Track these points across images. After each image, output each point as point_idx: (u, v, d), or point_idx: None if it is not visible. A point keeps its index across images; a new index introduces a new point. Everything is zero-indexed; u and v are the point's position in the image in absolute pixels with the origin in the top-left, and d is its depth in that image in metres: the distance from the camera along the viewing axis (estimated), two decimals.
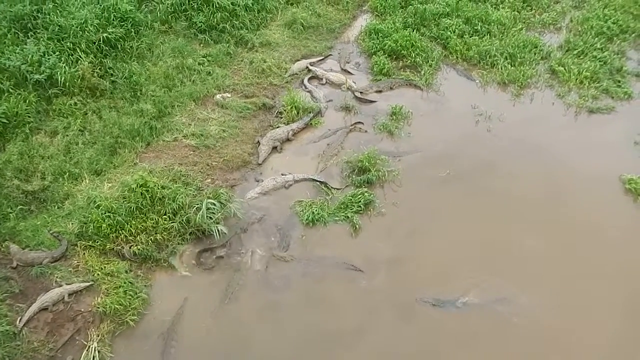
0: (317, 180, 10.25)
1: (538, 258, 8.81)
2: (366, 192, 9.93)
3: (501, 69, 12.37)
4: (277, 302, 8.46)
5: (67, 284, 8.27)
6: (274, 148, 10.85)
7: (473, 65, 12.68)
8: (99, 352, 7.68)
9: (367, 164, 10.31)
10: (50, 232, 8.91)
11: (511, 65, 12.43)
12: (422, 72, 12.49)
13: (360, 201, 9.77)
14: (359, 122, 11.35)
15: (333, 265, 8.83)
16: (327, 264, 8.85)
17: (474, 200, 9.73)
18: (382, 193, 10.16)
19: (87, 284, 8.37)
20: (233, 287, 8.55)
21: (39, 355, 7.59)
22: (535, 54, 12.73)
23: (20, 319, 7.91)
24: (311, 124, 11.43)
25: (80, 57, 10.90)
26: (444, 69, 12.76)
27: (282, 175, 10.33)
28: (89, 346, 7.73)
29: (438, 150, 10.81)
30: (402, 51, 12.71)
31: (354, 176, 10.32)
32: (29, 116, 10.37)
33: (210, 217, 9.14)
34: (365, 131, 11.42)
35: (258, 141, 10.88)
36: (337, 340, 7.89)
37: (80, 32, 11.10)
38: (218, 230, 9.09)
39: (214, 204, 9.18)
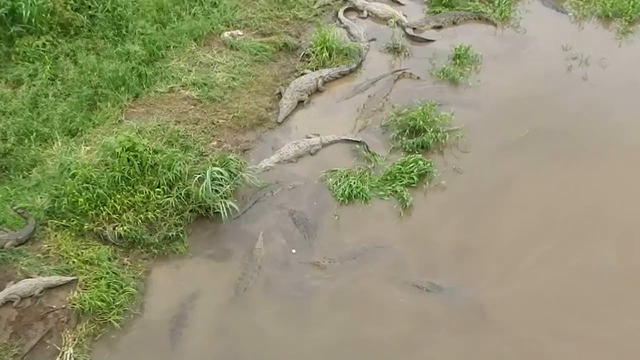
0: (354, 141, 10.14)
1: None
2: (420, 159, 9.76)
3: None
4: (301, 302, 8.41)
5: (44, 277, 8.24)
6: (300, 102, 10.69)
7: None
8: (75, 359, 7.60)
9: (421, 122, 10.11)
10: (14, 207, 8.82)
11: None
12: (496, 2, 12.34)
13: (412, 171, 9.61)
14: (407, 70, 11.46)
15: (373, 257, 8.74)
16: (366, 258, 8.75)
17: (564, 169, 9.59)
18: (441, 160, 10.00)
19: (70, 278, 8.28)
20: (245, 281, 8.51)
21: None
22: None
23: None
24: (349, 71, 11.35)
25: None
26: None
27: (308, 138, 10.30)
28: (63, 352, 7.70)
29: (516, 104, 10.60)
30: None
31: (404, 139, 10.19)
32: None
33: (217, 191, 8.98)
34: (418, 78, 11.26)
35: (279, 92, 10.77)
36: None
37: None
38: (226, 208, 8.90)
39: (221, 174, 9.03)
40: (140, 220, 8.78)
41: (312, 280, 8.62)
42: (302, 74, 11.13)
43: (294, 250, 8.89)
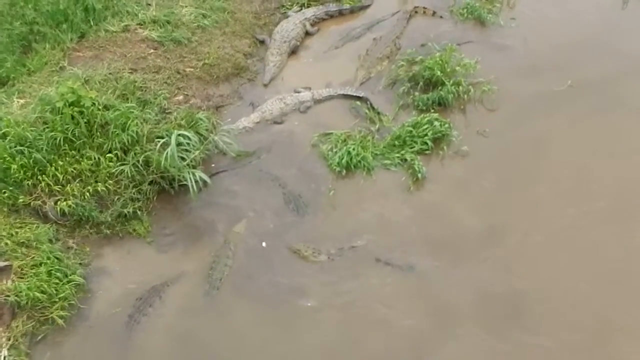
0: (354, 97, 10.05)
1: None
2: (437, 119, 9.54)
3: None
4: (289, 301, 8.22)
5: None
6: (292, 53, 10.71)
7: None
8: None
9: (439, 72, 9.87)
10: None
11: None
12: None
13: (426, 134, 9.42)
14: (422, 6, 11.23)
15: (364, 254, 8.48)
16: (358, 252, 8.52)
17: (611, 132, 9.43)
18: (462, 120, 9.86)
19: (2, 264, 8.12)
20: (220, 272, 8.35)
21: None
22: None
23: None
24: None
25: None
26: None
27: (296, 92, 10.25)
28: None
29: (557, 51, 10.43)
30: None
31: (416, 93, 9.99)
32: None
33: (183, 158, 8.81)
34: (440, 16, 11.07)
35: (262, 40, 10.78)
36: None
37: None
38: (195, 179, 8.73)
39: (188, 137, 8.78)
40: (88, 193, 8.64)
41: (299, 276, 8.42)
42: (286, 16, 11.12)
43: (264, 244, 8.74)
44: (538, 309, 7.85)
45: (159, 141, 8.84)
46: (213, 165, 9.44)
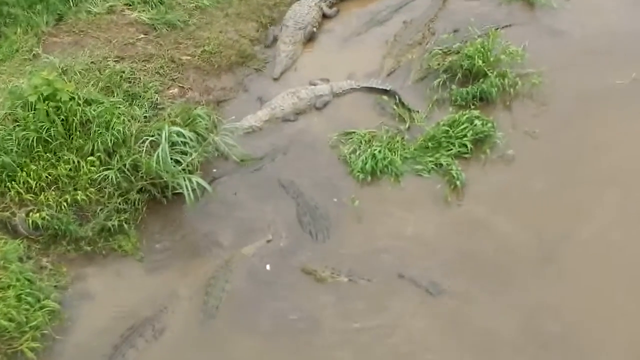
0: (381, 90, 10.00)
1: None
2: (478, 116, 9.36)
3: None
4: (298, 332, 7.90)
5: None
6: (309, 41, 10.68)
7: None
8: None
9: (480, 62, 9.72)
10: None
11: None
12: None
13: (465, 135, 9.24)
14: None
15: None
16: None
17: None
18: (508, 119, 9.68)
19: None
20: (216, 299, 8.11)
21: None
22: None
23: None
24: None
25: None
26: None
27: (312, 84, 10.14)
28: None
29: (619, 38, 10.30)
30: None
31: (453, 86, 9.86)
32: None
33: (178, 162, 8.65)
34: None
35: (273, 36, 10.73)
36: None
37: None
38: (191, 187, 8.53)
39: (184, 136, 8.70)
40: (65, 203, 8.43)
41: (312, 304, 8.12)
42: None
43: (268, 267, 8.49)
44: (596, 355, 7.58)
45: (147, 140, 8.70)
46: (215, 170, 9.33)
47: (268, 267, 8.45)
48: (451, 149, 9.18)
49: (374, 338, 7.77)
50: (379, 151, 9.11)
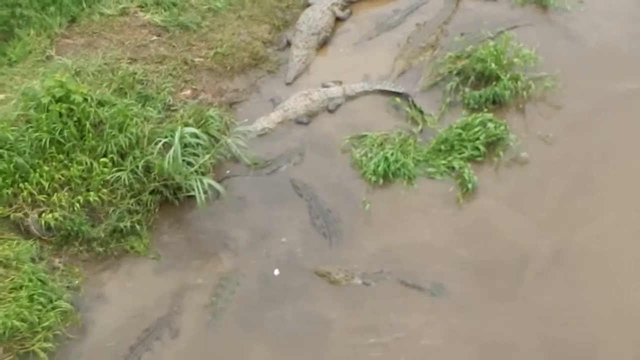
0: (394, 93, 9.98)
1: None
2: (491, 119, 9.33)
3: None
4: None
5: None
6: (322, 45, 10.71)
7: None
8: None
9: (493, 65, 9.70)
10: None
11: None
12: None
13: (478, 138, 9.22)
14: None
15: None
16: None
17: None
18: (521, 122, 9.66)
19: None
20: (225, 301, 8.18)
21: None
22: None
23: None
24: None
25: None
26: None
27: (325, 86, 10.17)
28: None
29: (633, 43, 10.24)
30: None
31: (466, 89, 9.85)
32: None
33: (190, 163, 8.70)
34: None
35: (287, 40, 10.75)
36: None
37: None
38: (203, 188, 8.59)
39: (197, 137, 8.75)
40: (78, 204, 8.44)
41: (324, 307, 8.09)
42: (307, 4, 11.09)
43: (277, 272, 8.46)
44: None
45: (160, 142, 8.70)
46: (228, 172, 9.37)
47: (277, 271, 8.44)
48: (464, 152, 9.16)
49: (388, 341, 7.70)
50: (392, 154, 9.09)
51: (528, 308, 7.78)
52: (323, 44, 10.76)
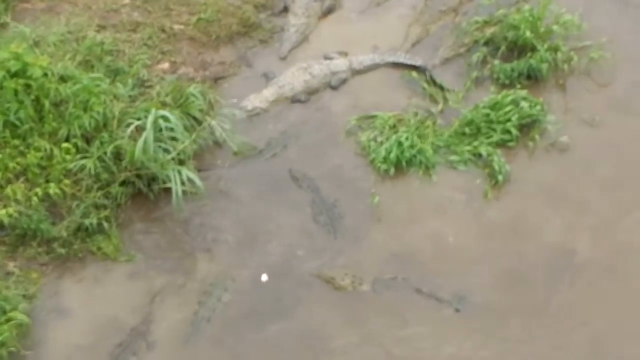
0: (409, 66, 9.67)
1: None
2: (525, 97, 8.97)
3: None
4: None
5: None
6: (327, 13, 10.32)
7: None
8: None
9: (528, 32, 9.37)
10: None
11: None
12: None
13: (510, 118, 8.84)
14: None
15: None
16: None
17: None
18: (561, 100, 9.34)
19: None
20: (209, 308, 7.87)
21: None
22: None
23: None
24: None
25: None
26: None
27: (327, 58, 9.79)
28: None
29: None
30: None
31: (495, 62, 9.50)
32: None
33: (166, 150, 8.38)
34: None
35: (284, 4, 10.33)
36: None
37: None
38: (181, 179, 8.26)
39: (172, 120, 8.34)
40: (36, 198, 8.08)
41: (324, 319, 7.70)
42: None
43: (264, 277, 8.14)
44: None
45: (133, 124, 8.33)
46: (219, 161, 9.05)
47: (264, 277, 8.09)
48: (492, 136, 8.75)
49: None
50: (406, 138, 8.64)
51: (572, 325, 7.32)
52: (328, 12, 10.41)
